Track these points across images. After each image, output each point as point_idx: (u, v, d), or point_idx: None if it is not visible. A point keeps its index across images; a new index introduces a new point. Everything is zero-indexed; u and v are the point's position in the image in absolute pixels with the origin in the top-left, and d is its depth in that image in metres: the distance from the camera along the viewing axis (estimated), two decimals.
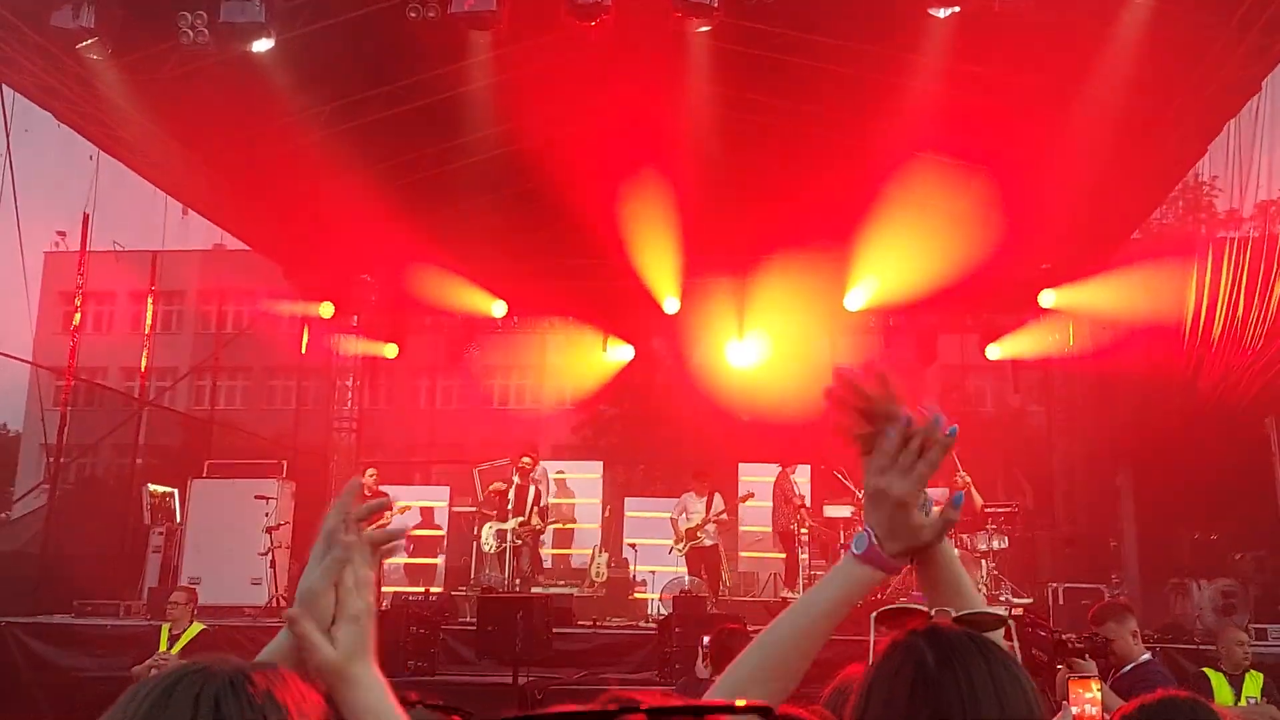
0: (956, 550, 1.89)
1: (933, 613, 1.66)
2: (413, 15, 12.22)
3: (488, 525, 15.52)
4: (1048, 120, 14.85)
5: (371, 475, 16.12)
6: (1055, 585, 13.75)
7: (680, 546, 15.41)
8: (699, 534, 15.29)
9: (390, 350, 22.28)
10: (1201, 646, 11.39)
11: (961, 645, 1.54)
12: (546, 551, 17.47)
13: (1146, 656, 6.35)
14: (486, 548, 15.67)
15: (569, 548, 18.37)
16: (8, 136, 14.54)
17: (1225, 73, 12.89)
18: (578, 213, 19.63)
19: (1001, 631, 1.68)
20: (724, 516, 15.72)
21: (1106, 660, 5.97)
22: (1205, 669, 8.51)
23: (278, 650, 1.64)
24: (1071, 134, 14.89)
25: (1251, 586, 13.94)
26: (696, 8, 11.57)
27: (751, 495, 16.16)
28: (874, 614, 1.65)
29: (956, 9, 11.55)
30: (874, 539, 1.78)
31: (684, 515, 15.71)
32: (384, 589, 17.14)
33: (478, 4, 11.80)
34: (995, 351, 20.74)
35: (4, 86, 14.01)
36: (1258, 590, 14.18)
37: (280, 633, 1.67)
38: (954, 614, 1.67)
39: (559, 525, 16.84)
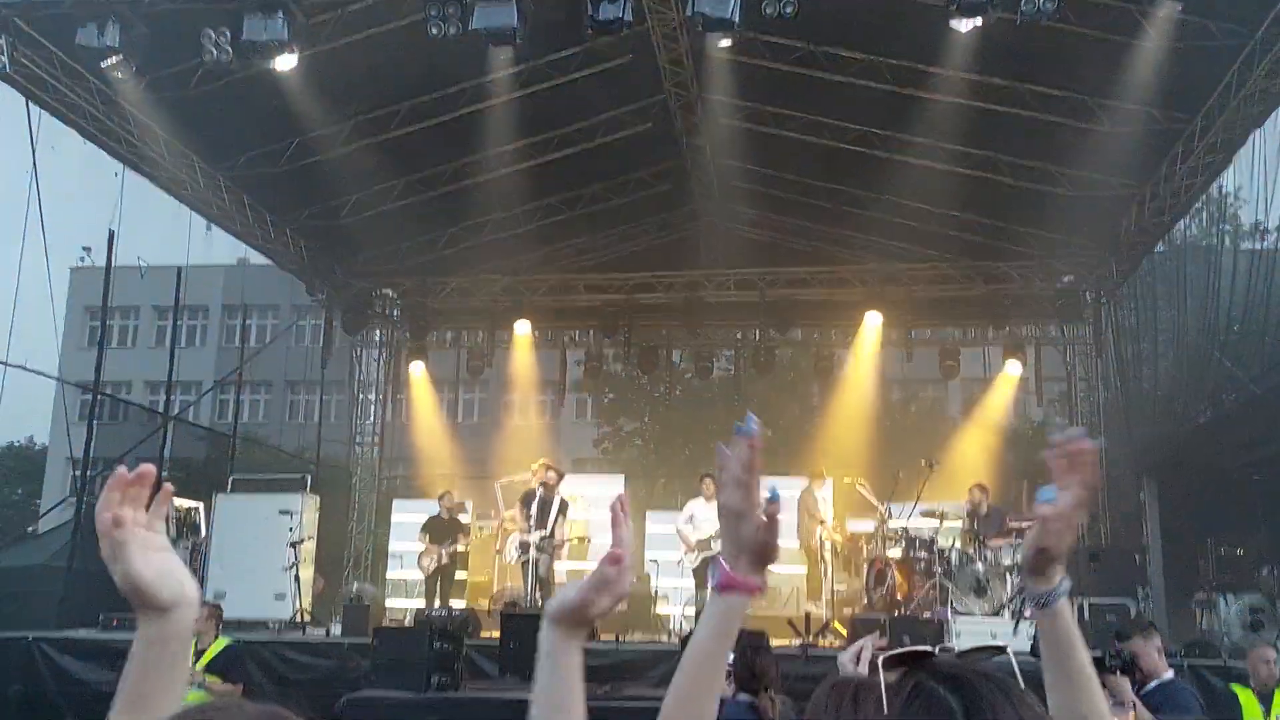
0: (1069, 612, 1.90)
1: (936, 650, 1.63)
2: (434, 31, 12.26)
3: (510, 538, 15.50)
4: (1070, 131, 14.80)
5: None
6: (1080, 600, 13.64)
7: (691, 559, 15.22)
8: (711, 544, 15.08)
9: (413, 364, 22.33)
10: (1229, 663, 11.27)
11: (985, 689, 1.51)
12: (567, 564, 17.39)
13: (1170, 675, 6.33)
14: (508, 559, 15.67)
15: (590, 561, 18.31)
16: (34, 154, 14.65)
17: (1250, 84, 12.82)
18: (600, 227, 19.72)
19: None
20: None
21: (1132, 678, 5.94)
22: (1234, 686, 8.42)
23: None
24: (1094, 145, 14.85)
25: (1279, 602, 13.80)
26: (718, 23, 11.55)
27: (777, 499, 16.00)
28: (880, 659, 1.62)
29: (978, 22, 11.51)
30: (724, 563, 1.80)
31: (691, 523, 15.47)
32: (406, 603, 17.19)
33: (498, 19, 11.82)
34: (1016, 366, 20.65)
35: (30, 104, 14.12)
36: None
37: None
38: (956, 650, 1.65)
39: (582, 543, 16.77)
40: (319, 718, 12.00)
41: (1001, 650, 1.68)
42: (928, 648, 1.64)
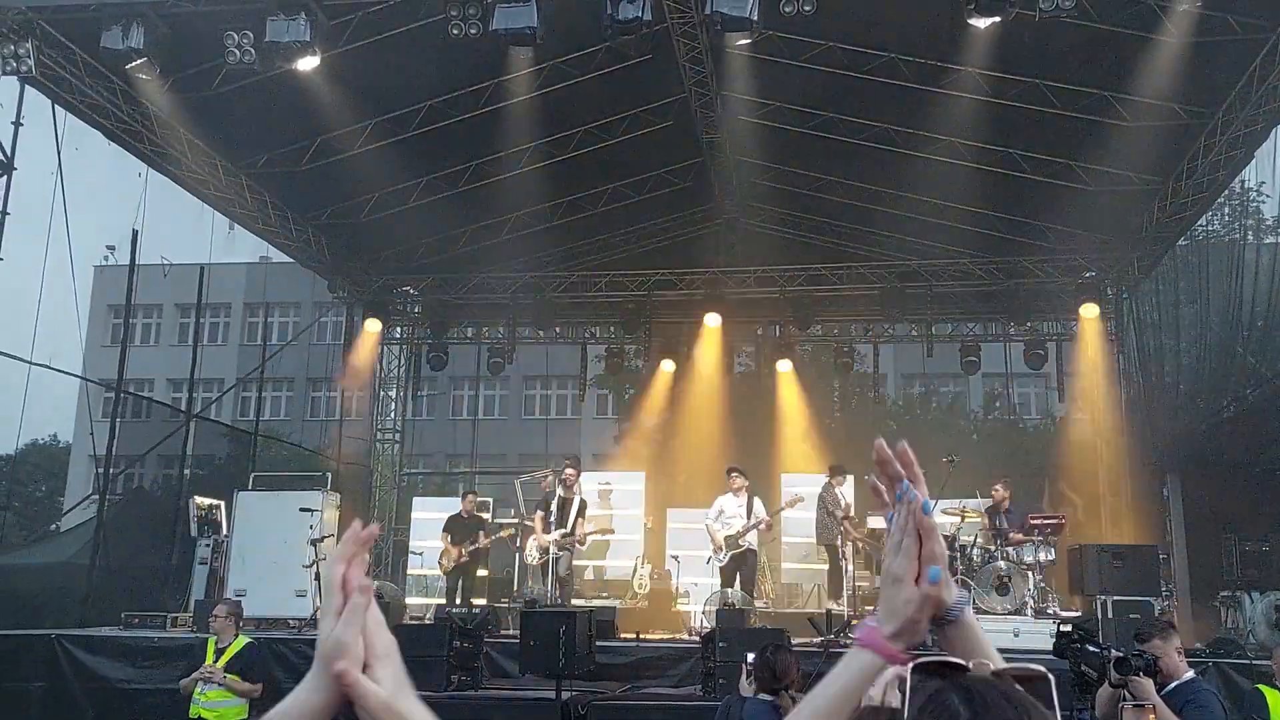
0: (976, 620, 1.88)
1: (971, 665, 1.64)
2: (455, 32, 12.30)
3: (531, 539, 15.54)
4: (1091, 127, 14.76)
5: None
6: (1104, 598, 13.59)
7: (720, 557, 15.18)
8: (741, 541, 15.07)
9: (434, 361, 22.41)
10: (1255, 661, 11.19)
11: (997, 704, 1.52)
12: (588, 562, 17.43)
13: (1191, 675, 6.27)
14: (529, 559, 15.70)
15: (610, 559, 18.35)
16: (59, 154, 14.76)
17: (1272, 78, 12.75)
18: (620, 224, 19.74)
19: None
20: (762, 526, 15.41)
21: (1155, 679, 5.92)
22: (1260, 686, 8.35)
23: (296, 706, 1.65)
24: (1115, 140, 14.80)
25: None
26: (736, 21, 11.55)
27: (801, 499, 15.99)
28: (911, 664, 1.63)
29: (997, 19, 11.47)
30: (874, 622, 1.78)
31: (720, 519, 15.42)
32: (427, 601, 17.26)
33: (518, 20, 11.85)
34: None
35: (55, 106, 14.23)
36: None
37: (297, 689, 1.67)
38: (993, 667, 1.65)
39: (600, 536, 16.79)
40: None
41: (1043, 675, 1.67)
42: (961, 660, 1.65)
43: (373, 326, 20.86)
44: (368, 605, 1.66)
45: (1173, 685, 6.07)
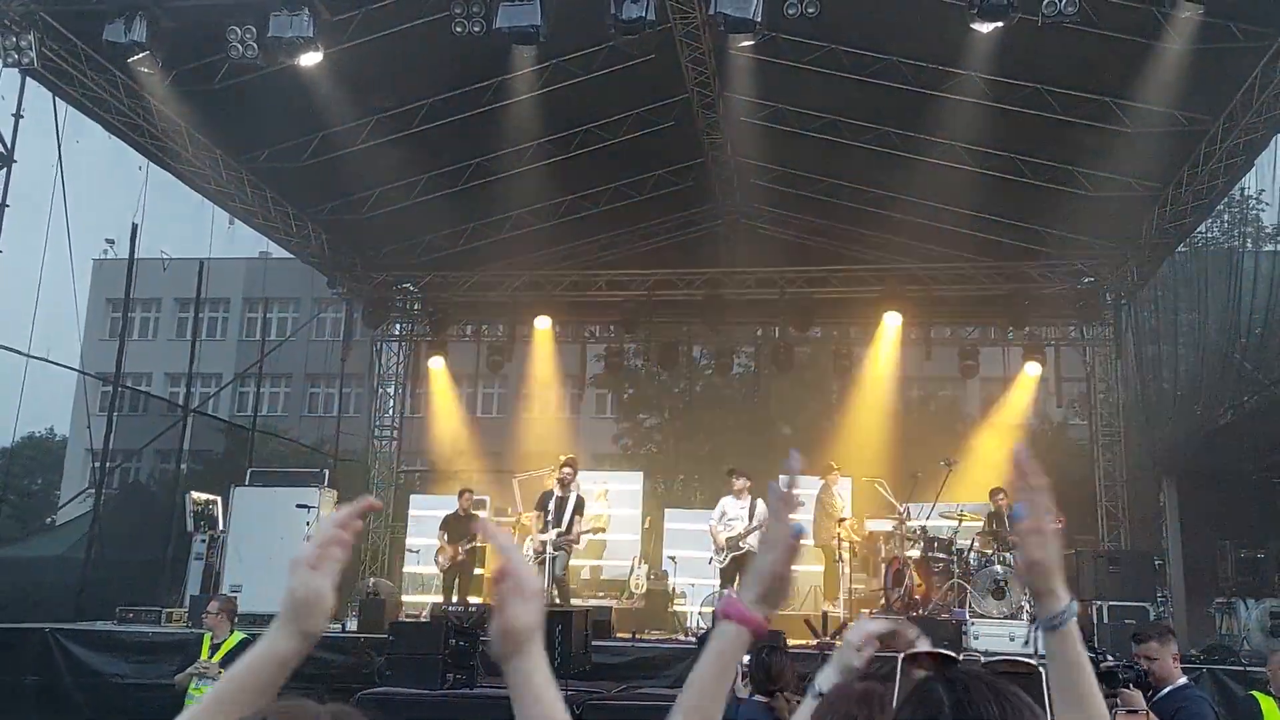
0: (1078, 633, 1.91)
1: (961, 657, 1.65)
2: (458, 30, 12.30)
3: (528, 539, 15.51)
4: (1091, 132, 14.76)
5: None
6: (1099, 603, 13.61)
7: (721, 558, 15.17)
8: (741, 544, 15.06)
9: (433, 359, 22.40)
10: (1250, 668, 11.21)
11: (980, 695, 1.53)
12: (584, 562, 17.41)
13: (1184, 681, 6.27)
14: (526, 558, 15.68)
15: (607, 559, 18.35)
16: (59, 147, 14.75)
17: (1273, 86, 12.76)
18: (621, 223, 19.74)
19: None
20: (761, 525, 15.45)
21: (1146, 687, 5.90)
22: (1254, 692, 8.36)
23: (260, 656, 1.68)
24: (1115, 146, 14.81)
25: None
26: (740, 23, 11.55)
27: (801, 504, 15.97)
28: (902, 655, 1.65)
29: (999, 24, 11.47)
30: (734, 592, 1.86)
31: (723, 520, 15.41)
32: (423, 598, 17.24)
33: (522, 19, 11.85)
34: (1035, 368, 20.61)
35: (56, 99, 14.22)
36: None
37: (261, 639, 1.71)
38: (983, 660, 1.67)
39: (597, 536, 16.79)
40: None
41: (1033, 670, 1.69)
42: (950, 652, 1.67)
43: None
44: (337, 557, 1.69)
45: (1166, 691, 6.07)
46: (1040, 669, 1.66)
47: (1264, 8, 12.14)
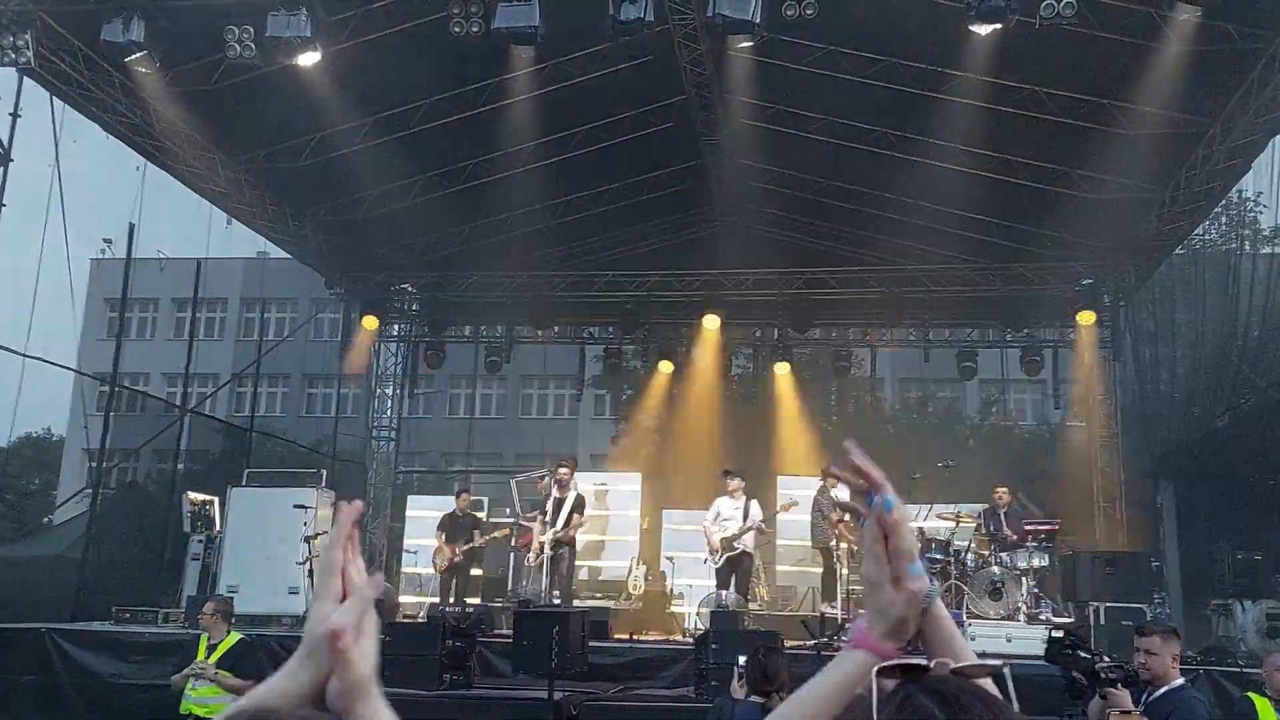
0: (945, 610, 1.90)
1: (932, 664, 1.65)
2: (456, 30, 12.30)
3: (533, 545, 15.47)
4: (1089, 134, 14.77)
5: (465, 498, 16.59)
6: (1097, 605, 13.61)
7: (716, 559, 15.16)
8: (735, 544, 15.05)
9: (430, 359, 22.40)
10: (1246, 669, 11.21)
11: (970, 704, 1.53)
12: (583, 563, 17.39)
13: (1180, 682, 6.19)
14: (529, 561, 15.64)
15: (605, 560, 18.35)
16: (57, 146, 14.74)
17: (1271, 88, 12.77)
18: (620, 224, 19.73)
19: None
20: (765, 527, 15.41)
21: (1139, 688, 5.86)
22: (1249, 694, 8.36)
23: (276, 690, 1.63)
24: (1113, 148, 14.82)
25: None
26: (738, 24, 11.55)
27: (795, 504, 16.00)
28: (875, 668, 1.64)
29: (997, 26, 11.48)
30: (865, 624, 1.80)
31: (718, 521, 15.39)
32: (421, 599, 17.24)
33: (520, 19, 11.86)
34: (1035, 367, 20.62)
35: (53, 98, 14.21)
36: None
37: (278, 673, 1.65)
38: (952, 665, 1.66)
39: (595, 536, 16.80)
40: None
41: (998, 669, 1.69)
42: (923, 661, 1.66)
43: (370, 324, 20.84)
44: (373, 599, 1.64)
45: (1161, 691, 6.04)
46: (1005, 669, 1.66)
47: (1262, 10, 12.14)
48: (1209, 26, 11.94)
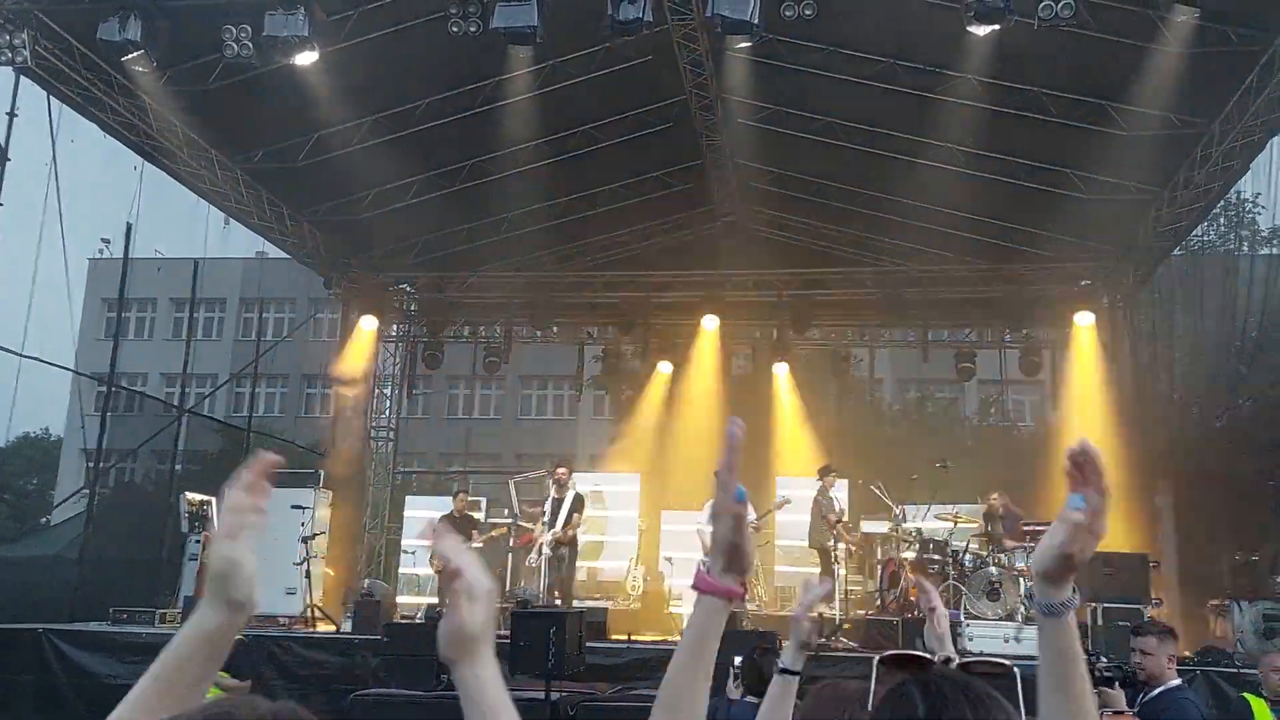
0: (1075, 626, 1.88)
1: (937, 658, 1.65)
2: (454, 30, 12.29)
3: (534, 547, 15.46)
4: (1088, 135, 14.76)
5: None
6: (1094, 605, 13.59)
7: (707, 560, 15.12)
8: None
9: (429, 359, 22.37)
10: (1243, 670, 11.21)
11: (954, 697, 1.53)
12: (581, 563, 17.37)
13: (1176, 682, 6.17)
14: (530, 561, 15.63)
15: (604, 560, 18.34)
16: (54, 146, 14.72)
17: (1269, 89, 12.77)
18: (619, 225, 19.72)
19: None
20: (759, 525, 15.40)
21: (1135, 687, 5.86)
22: (1246, 695, 8.37)
23: (191, 632, 1.65)
24: (1111, 149, 14.81)
25: None
26: (737, 24, 11.55)
27: (788, 502, 16.00)
28: (877, 658, 1.65)
29: (996, 27, 11.47)
30: (703, 566, 1.86)
31: (710, 522, 15.32)
32: (419, 599, 17.22)
33: (519, 19, 11.84)
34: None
35: (50, 97, 14.19)
36: None
37: (190, 617, 1.67)
38: (956, 661, 1.66)
39: (594, 537, 16.79)
40: (331, 716, 12.03)
41: (1007, 670, 1.69)
42: (925, 654, 1.67)
43: (368, 324, 20.82)
44: (248, 525, 1.67)
45: (1156, 691, 6.02)
46: (1014, 669, 1.65)
47: (1260, 12, 12.15)
48: (1207, 28, 11.95)
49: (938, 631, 2.48)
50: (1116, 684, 5.26)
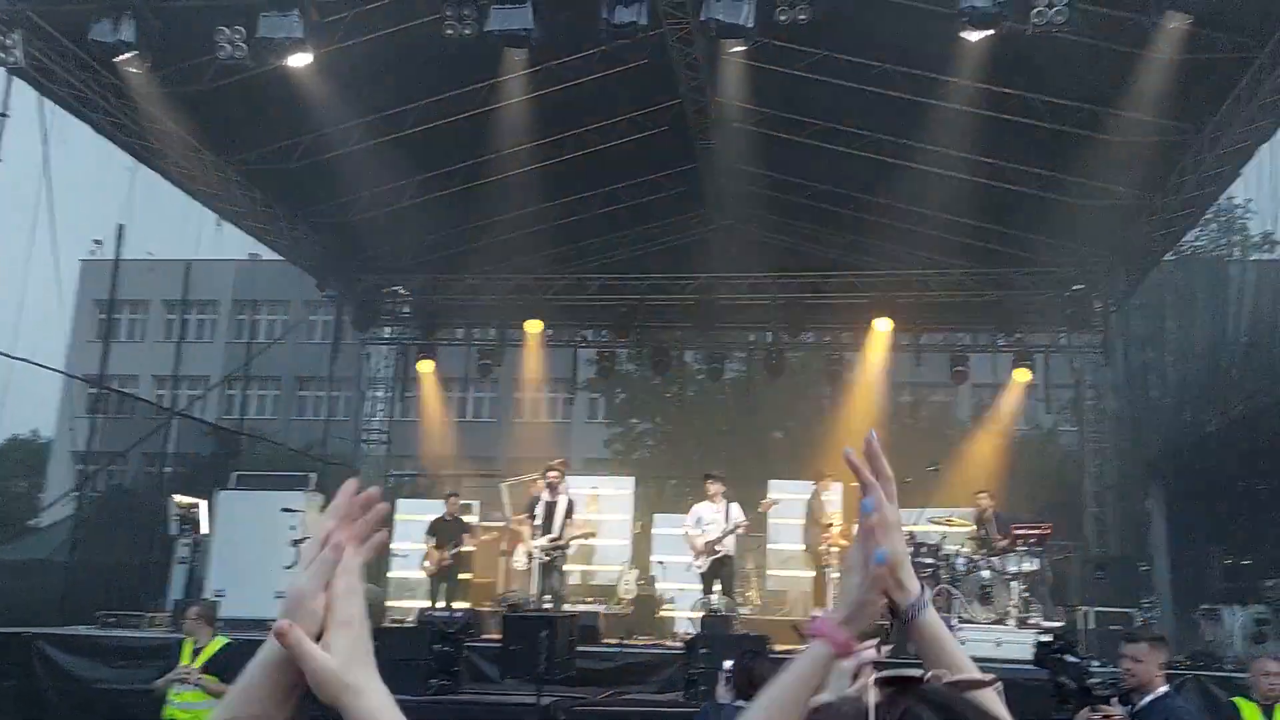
0: (937, 617, 1.88)
1: (928, 675, 1.64)
2: (450, 32, 12.28)
3: (519, 548, 15.43)
4: (1080, 141, 14.78)
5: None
6: (1086, 609, 13.62)
7: (700, 564, 15.14)
8: (718, 547, 15.03)
9: (423, 363, 22.34)
10: (1233, 675, 11.21)
11: (968, 716, 1.51)
12: (573, 567, 17.35)
13: (1165, 689, 6.07)
14: (517, 565, 15.60)
15: (596, 564, 18.31)
16: (45, 147, 14.68)
17: (1260, 96, 12.79)
18: (614, 228, 19.72)
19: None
20: (741, 529, 15.35)
21: (1125, 699, 5.75)
22: (1236, 699, 8.35)
23: (259, 668, 1.59)
24: (1104, 155, 14.83)
25: None
26: (731, 28, 11.55)
27: (776, 502, 15.98)
28: (873, 679, 1.62)
29: (989, 33, 11.48)
30: (826, 612, 1.80)
31: (699, 525, 15.36)
32: (410, 603, 17.18)
33: (514, 22, 11.83)
34: (1024, 374, 20.60)
35: (43, 98, 14.15)
36: None
37: (262, 646, 1.61)
38: (947, 677, 1.65)
39: (584, 539, 16.73)
40: None
41: (991, 683, 1.68)
42: (918, 673, 1.65)
43: (359, 323, 20.73)
44: (336, 562, 1.60)
45: (1147, 701, 5.93)
46: (999, 682, 1.64)
47: (1251, 19, 12.17)
48: (1199, 35, 11.96)
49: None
50: (1114, 700, 5.21)
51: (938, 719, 1.51)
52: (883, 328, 20.28)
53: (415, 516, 17.91)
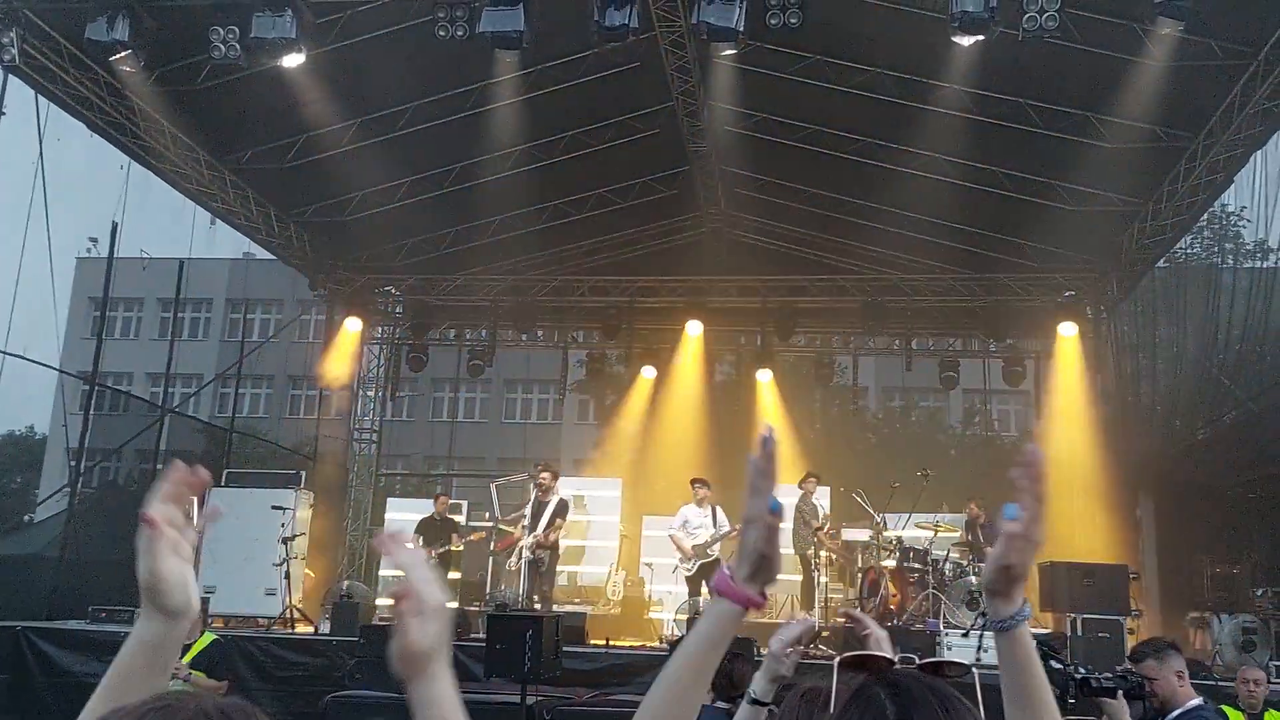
0: (1030, 633, 1.91)
1: (897, 660, 1.66)
2: (442, 34, 12.30)
3: (515, 549, 15.43)
4: (1072, 146, 14.82)
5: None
6: (1074, 616, 13.62)
7: (688, 566, 15.17)
8: (709, 550, 15.07)
9: (413, 362, 22.34)
10: (1221, 683, 11.24)
11: (923, 699, 1.54)
12: (562, 568, 17.36)
13: (1197, 701, 5.51)
14: (510, 565, 15.61)
15: (584, 565, 18.33)
16: (41, 144, 14.69)
17: (1253, 103, 12.84)
18: (605, 230, 19.74)
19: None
20: (731, 535, 15.39)
21: (1145, 703, 5.13)
22: (1224, 707, 8.38)
23: (132, 645, 1.66)
24: (1096, 161, 14.87)
25: (1272, 623, 13.77)
26: (723, 32, 11.58)
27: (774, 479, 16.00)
28: (837, 659, 1.65)
29: (980, 37, 11.51)
30: (725, 569, 1.82)
31: (686, 529, 15.39)
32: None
33: (506, 24, 11.85)
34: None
35: (38, 96, 14.17)
36: (1279, 627, 14.00)
37: (135, 628, 1.70)
38: (918, 661, 1.67)
39: (575, 541, 16.77)
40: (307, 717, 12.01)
41: (966, 669, 1.70)
42: (886, 654, 1.67)
43: (353, 326, 20.78)
44: (158, 536, 1.68)
45: (1173, 715, 5.43)
46: (973, 670, 1.66)
47: (1244, 26, 12.21)
48: (1191, 41, 11.99)
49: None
50: (1119, 694, 4.86)
51: (890, 699, 1.54)
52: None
53: (404, 515, 17.95)
